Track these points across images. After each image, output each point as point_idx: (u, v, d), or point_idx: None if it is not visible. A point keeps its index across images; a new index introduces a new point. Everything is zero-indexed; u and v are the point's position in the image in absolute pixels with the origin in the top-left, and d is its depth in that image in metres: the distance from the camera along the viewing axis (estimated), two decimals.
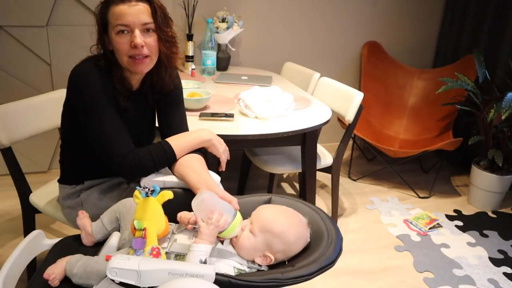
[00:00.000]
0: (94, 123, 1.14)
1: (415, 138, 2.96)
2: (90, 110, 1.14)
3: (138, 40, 1.11)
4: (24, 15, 2.26)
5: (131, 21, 1.11)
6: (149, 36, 1.15)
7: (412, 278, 1.90)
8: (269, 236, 0.97)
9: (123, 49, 1.13)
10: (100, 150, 1.16)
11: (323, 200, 2.57)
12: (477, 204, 2.57)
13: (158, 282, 0.83)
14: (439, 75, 2.92)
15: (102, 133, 1.14)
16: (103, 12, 1.14)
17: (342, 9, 2.95)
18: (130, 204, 1.09)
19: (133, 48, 1.12)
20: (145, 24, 1.13)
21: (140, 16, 1.11)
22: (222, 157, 1.32)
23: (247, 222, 1.02)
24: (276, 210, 1.03)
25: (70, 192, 1.32)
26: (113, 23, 1.12)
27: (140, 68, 1.17)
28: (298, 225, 1.00)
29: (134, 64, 1.15)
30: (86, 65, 1.16)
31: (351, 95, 1.98)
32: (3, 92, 2.38)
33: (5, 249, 1.92)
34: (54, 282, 0.97)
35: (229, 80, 2.35)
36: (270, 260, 0.98)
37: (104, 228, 1.11)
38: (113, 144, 1.14)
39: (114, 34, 1.12)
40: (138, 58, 1.14)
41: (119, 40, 1.12)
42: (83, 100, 1.14)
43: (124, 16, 1.10)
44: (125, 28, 1.11)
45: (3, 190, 2.39)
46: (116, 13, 1.11)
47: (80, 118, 1.17)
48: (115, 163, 1.15)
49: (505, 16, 2.63)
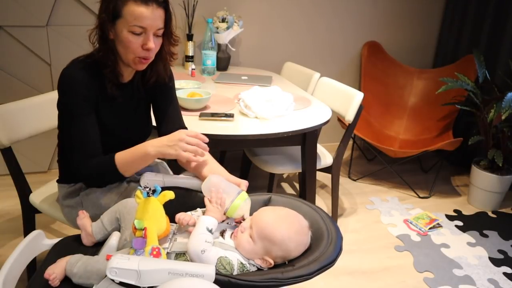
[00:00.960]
0: (65, 126, 1.23)
1: (415, 138, 2.96)
2: (63, 113, 1.22)
3: (153, 45, 1.15)
4: (24, 15, 2.26)
5: (149, 25, 1.13)
6: (157, 40, 1.19)
7: (412, 278, 1.90)
8: (268, 244, 0.97)
9: (134, 48, 1.15)
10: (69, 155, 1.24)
11: (323, 200, 2.57)
12: (477, 204, 2.57)
13: (158, 282, 0.83)
14: (439, 75, 2.92)
15: (68, 138, 1.20)
16: (119, 3, 1.12)
17: (342, 9, 2.95)
18: (131, 204, 1.09)
19: (143, 50, 1.16)
20: (159, 29, 1.16)
21: (157, 21, 1.14)
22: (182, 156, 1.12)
23: (247, 225, 1.01)
24: (276, 216, 1.01)
25: (69, 191, 1.32)
26: (130, 21, 1.12)
27: (141, 67, 1.22)
28: (297, 233, 0.99)
29: (138, 64, 1.19)
30: (72, 68, 1.18)
31: (351, 95, 1.98)
32: (3, 92, 2.38)
33: (5, 249, 1.92)
34: (54, 282, 0.97)
35: (229, 80, 2.35)
36: (269, 264, 0.98)
37: (104, 228, 1.11)
38: (73, 151, 1.20)
39: (127, 31, 1.13)
40: (144, 59, 1.18)
41: (132, 39, 1.14)
42: (61, 103, 1.21)
43: (143, 19, 1.11)
44: (141, 30, 1.13)
45: (3, 190, 2.39)
46: (136, 13, 1.11)
47: (58, 117, 1.25)
48: (72, 168, 1.25)
49: (505, 16, 2.63)
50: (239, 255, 0.97)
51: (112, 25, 1.15)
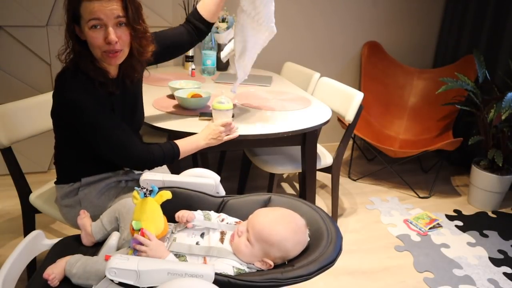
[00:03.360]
0: (103, 140, 1.21)
1: (415, 138, 2.96)
2: (96, 130, 1.19)
3: (112, 36, 1.14)
4: (24, 15, 2.26)
5: (105, 15, 1.13)
6: (121, 30, 1.18)
7: (412, 278, 1.90)
8: (266, 246, 0.96)
9: (97, 43, 1.16)
10: (116, 158, 1.25)
11: (323, 200, 2.57)
12: (477, 204, 2.57)
13: (157, 282, 0.83)
14: (439, 75, 2.92)
15: (114, 144, 1.22)
16: (74, 6, 1.15)
17: (342, 9, 2.95)
18: (130, 204, 1.10)
19: (107, 44, 1.16)
20: (117, 18, 1.15)
21: (113, 10, 1.14)
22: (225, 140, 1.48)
23: (244, 228, 1.00)
24: (272, 217, 1.00)
25: (68, 190, 1.32)
26: (86, 18, 1.13)
27: (114, 61, 1.21)
28: (295, 232, 0.98)
29: (107, 58, 1.19)
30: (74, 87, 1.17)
31: (351, 95, 1.98)
32: (3, 92, 2.38)
33: (5, 249, 1.92)
34: (53, 282, 0.97)
35: (229, 80, 2.35)
36: (269, 265, 0.97)
37: (103, 228, 1.11)
38: (127, 149, 1.23)
39: (88, 28, 1.14)
40: (111, 53, 1.17)
41: (93, 35, 1.15)
42: (86, 123, 1.19)
43: (97, 11, 1.12)
44: (98, 22, 1.14)
45: (3, 190, 2.39)
46: (89, 8, 1.12)
47: (88, 137, 1.21)
48: (133, 164, 1.29)
49: (505, 16, 2.63)
50: (235, 261, 0.97)
51: (78, 27, 1.17)
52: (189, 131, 1.53)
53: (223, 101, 1.50)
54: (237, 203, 1.16)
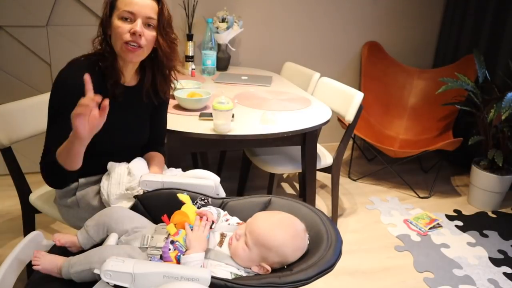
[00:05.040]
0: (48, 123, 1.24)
1: (415, 138, 2.96)
2: (49, 111, 1.22)
3: (138, 28, 1.16)
4: (24, 15, 2.26)
5: (137, 10, 1.16)
6: (149, 30, 1.20)
7: (412, 278, 1.90)
8: (264, 250, 0.94)
9: (121, 33, 1.17)
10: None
11: (323, 200, 2.57)
12: (477, 204, 2.57)
13: (153, 285, 0.81)
14: (439, 75, 2.91)
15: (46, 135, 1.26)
16: None
17: (342, 9, 2.95)
18: (117, 214, 1.07)
19: (131, 35, 1.17)
20: (148, 18, 1.18)
21: (147, 9, 1.17)
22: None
23: (242, 232, 0.99)
24: (270, 221, 0.99)
25: (65, 190, 1.33)
26: (120, 8, 1.17)
27: (131, 56, 1.21)
28: (294, 237, 0.96)
29: (126, 51, 1.19)
30: (69, 68, 1.20)
31: (351, 95, 1.98)
32: (3, 92, 2.38)
33: (5, 249, 1.92)
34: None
35: (229, 80, 2.35)
36: (266, 271, 0.96)
37: (92, 239, 1.08)
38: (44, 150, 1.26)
39: (117, 19, 1.17)
40: (132, 46, 1.18)
41: (120, 25, 1.17)
42: (51, 100, 1.21)
43: (132, 4, 1.16)
44: (129, 15, 1.17)
45: (3, 190, 2.39)
46: (127, 1, 1.16)
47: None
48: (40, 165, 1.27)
49: (505, 16, 2.63)
50: (233, 267, 0.95)
51: (110, 21, 1.19)
52: (189, 131, 1.53)
53: (223, 101, 1.49)
54: (237, 205, 1.15)
